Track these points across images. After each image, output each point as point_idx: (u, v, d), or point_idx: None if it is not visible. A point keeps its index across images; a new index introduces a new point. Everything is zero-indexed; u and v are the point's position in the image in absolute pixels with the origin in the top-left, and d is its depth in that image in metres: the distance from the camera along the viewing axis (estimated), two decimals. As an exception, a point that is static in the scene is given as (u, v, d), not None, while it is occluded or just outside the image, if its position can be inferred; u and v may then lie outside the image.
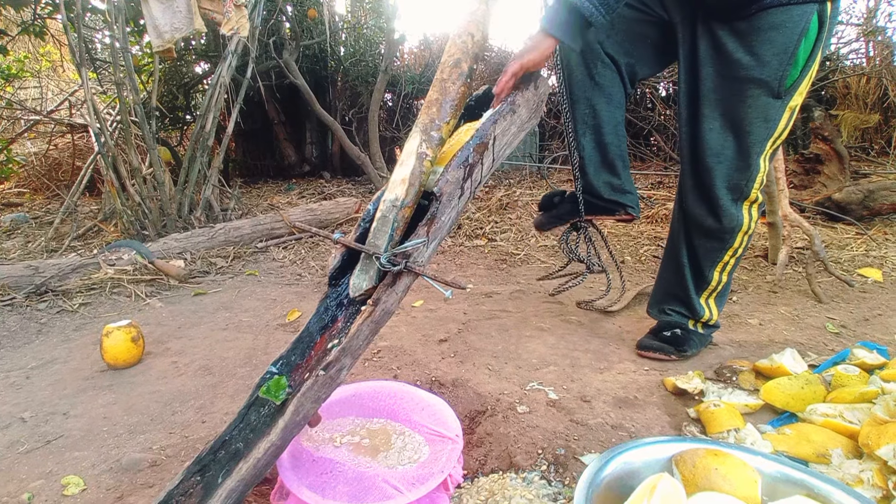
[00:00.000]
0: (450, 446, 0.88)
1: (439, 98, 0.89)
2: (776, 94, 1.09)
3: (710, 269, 1.32)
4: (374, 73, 4.64)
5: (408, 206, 0.84)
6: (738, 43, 1.08)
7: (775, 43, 1.05)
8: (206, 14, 2.28)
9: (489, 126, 0.91)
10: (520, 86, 0.99)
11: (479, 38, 0.94)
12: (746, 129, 1.13)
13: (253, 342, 1.61)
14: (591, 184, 1.38)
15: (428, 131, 0.86)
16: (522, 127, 1.01)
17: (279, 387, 0.79)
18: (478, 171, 0.90)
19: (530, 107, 1.01)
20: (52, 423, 1.19)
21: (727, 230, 1.25)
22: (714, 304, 1.38)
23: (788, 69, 1.07)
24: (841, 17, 4.88)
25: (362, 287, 0.81)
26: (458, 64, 0.91)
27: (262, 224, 2.87)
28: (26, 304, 1.97)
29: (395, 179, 0.85)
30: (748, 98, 1.10)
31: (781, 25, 1.04)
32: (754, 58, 1.07)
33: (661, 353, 1.35)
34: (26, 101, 5.02)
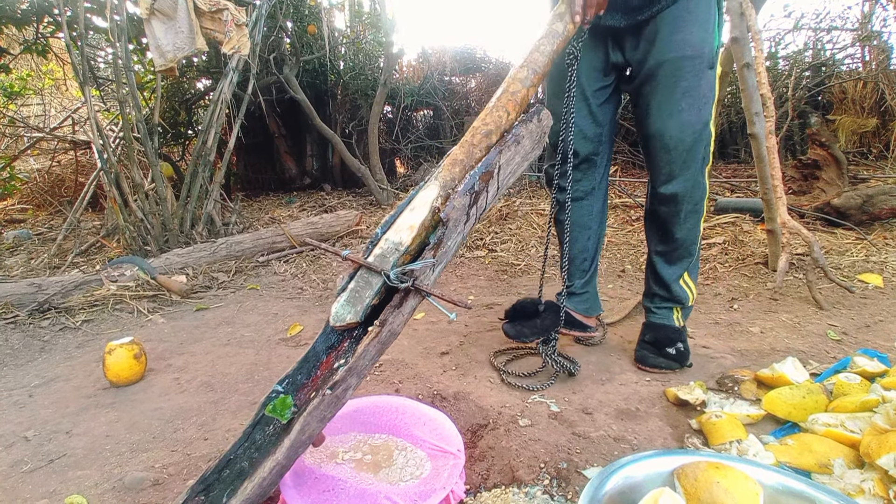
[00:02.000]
0: (452, 461, 0.89)
1: (464, 160, 0.95)
2: (711, 65, 1.26)
3: (695, 243, 1.41)
4: (374, 87, 4.69)
5: (409, 254, 0.86)
6: (675, 28, 1.24)
7: (702, 20, 1.24)
8: (207, 33, 2.32)
9: (495, 156, 0.96)
10: (524, 119, 1.05)
11: (512, 117, 1.02)
12: (702, 101, 1.28)
13: (255, 357, 1.62)
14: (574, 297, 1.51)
15: (446, 188, 0.91)
16: (526, 157, 1.05)
17: (285, 406, 0.79)
18: (483, 198, 0.94)
19: (533, 138, 1.06)
20: (55, 442, 1.19)
21: (698, 199, 1.36)
22: (690, 280, 1.44)
23: (713, 42, 1.26)
24: (835, 22, 4.94)
25: (345, 319, 0.81)
26: (489, 135, 0.98)
27: (264, 238, 2.89)
28: (29, 322, 1.98)
29: (402, 223, 0.87)
30: (700, 72, 1.25)
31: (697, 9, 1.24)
32: (692, 36, 1.24)
33: (668, 369, 1.38)
34: (29, 118, 5.08)
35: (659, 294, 1.45)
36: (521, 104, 1.04)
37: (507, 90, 1.03)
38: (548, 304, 1.43)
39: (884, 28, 4.68)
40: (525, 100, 1.04)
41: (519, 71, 1.05)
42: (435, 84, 5.24)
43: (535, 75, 1.05)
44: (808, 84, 4.79)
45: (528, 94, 1.04)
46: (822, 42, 5.02)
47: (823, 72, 4.90)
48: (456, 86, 5.59)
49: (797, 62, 4.95)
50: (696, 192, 1.35)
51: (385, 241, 0.85)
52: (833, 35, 4.96)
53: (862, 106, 4.71)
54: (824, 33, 4.98)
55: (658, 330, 1.42)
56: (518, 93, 1.03)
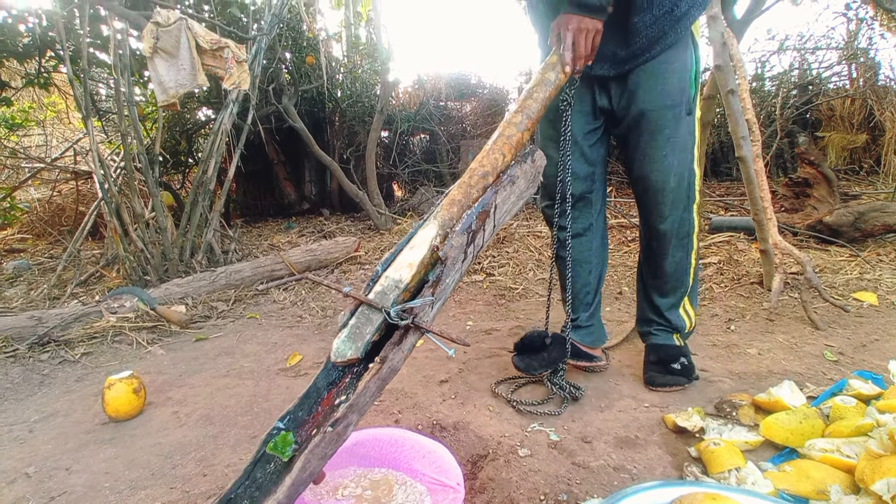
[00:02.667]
0: (451, 496, 0.89)
1: (461, 200, 0.98)
2: (689, 111, 1.35)
3: (685, 275, 1.46)
4: (371, 113, 4.78)
5: (408, 291, 0.88)
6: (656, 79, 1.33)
7: (681, 72, 1.33)
8: (209, 69, 2.39)
9: (491, 195, 1.00)
10: (518, 160, 1.10)
11: (508, 159, 1.07)
12: (683, 146, 1.35)
13: (254, 389, 1.62)
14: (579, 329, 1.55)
15: (444, 228, 0.94)
16: (521, 196, 1.10)
17: (286, 443, 0.80)
18: (480, 236, 0.97)
19: (528, 178, 1.11)
20: (55, 479, 1.19)
21: (685, 234, 1.42)
22: (690, 307, 1.51)
23: (690, 91, 1.34)
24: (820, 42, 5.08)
25: (346, 355, 0.82)
26: (486, 176, 1.03)
27: (263, 266, 2.91)
28: (29, 356, 1.98)
29: (402, 261, 0.90)
30: (679, 119, 1.33)
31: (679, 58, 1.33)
32: (671, 86, 1.32)
33: (677, 385, 1.41)
34: (30, 149, 5.15)
35: (656, 321, 1.50)
36: (516, 147, 1.09)
37: (503, 134, 1.08)
38: (554, 337, 1.46)
39: (870, 45, 4.80)
40: (520, 143, 1.09)
41: (514, 116, 1.11)
42: (431, 109, 5.34)
43: (529, 120, 1.11)
44: (795, 103, 4.89)
45: (522, 137, 1.10)
46: (808, 62, 5.15)
47: (811, 90, 5.00)
48: (451, 111, 5.69)
49: (784, 82, 5.05)
50: (683, 229, 1.41)
51: (385, 278, 0.88)
52: (819, 55, 5.09)
53: (851, 122, 4.79)
54: (810, 53, 5.10)
55: (660, 350, 1.47)
56: (513, 136, 1.08)
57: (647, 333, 1.53)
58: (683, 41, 1.31)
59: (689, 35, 1.32)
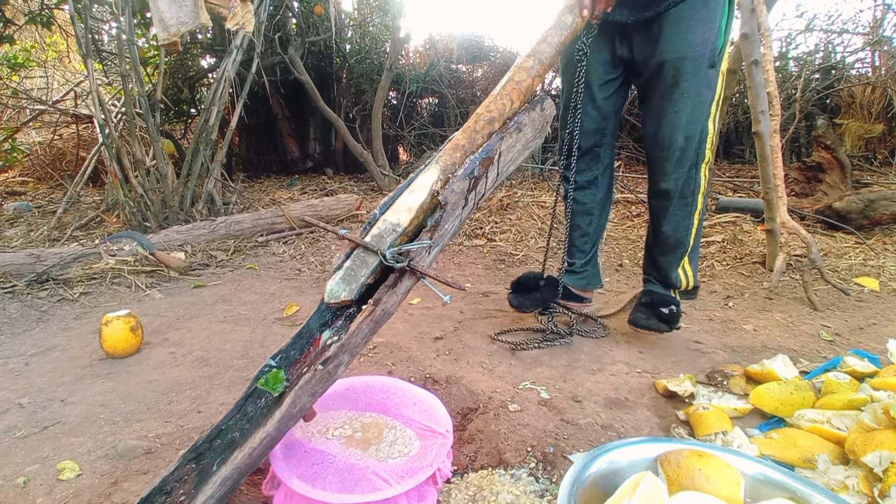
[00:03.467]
0: (440, 441, 0.90)
1: (465, 145, 0.95)
2: (712, 64, 1.29)
3: (687, 235, 1.46)
4: (379, 71, 4.65)
5: (406, 235, 0.86)
6: (678, 27, 1.27)
7: (706, 20, 1.27)
8: (212, 8, 2.30)
9: (496, 142, 0.96)
10: (527, 108, 1.06)
11: (516, 106, 1.03)
12: (700, 99, 1.31)
13: (250, 335, 1.63)
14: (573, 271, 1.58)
15: (446, 172, 0.91)
16: (527, 145, 1.06)
17: (277, 380, 0.80)
18: (482, 183, 0.94)
19: (535, 127, 1.07)
20: (49, 410, 1.21)
21: (689, 193, 1.41)
22: (689, 267, 1.51)
23: (717, 41, 1.28)
24: (847, 25, 4.89)
25: (339, 296, 0.81)
26: (492, 122, 0.99)
27: (263, 219, 2.89)
28: (27, 292, 1.99)
29: (401, 204, 0.87)
30: (699, 71, 1.29)
31: (703, 7, 1.26)
32: (694, 35, 1.27)
33: (658, 331, 1.43)
34: (32, 91, 5.05)
35: (654, 275, 1.54)
36: (526, 93, 1.04)
37: (513, 79, 1.04)
38: (548, 280, 1.54)
39: (895, 33, 4.63)
40: (530, 89, 1.05)
41: (525, 60, 1.06)
42: (441, 71, 5.19)
43: (541, 65, 1.06)
44: (816, 87, 4.75)
45: (532, 83, 1.05)
46: (833, 45, 4.97)
47: (833, 75, 4.86)
48: (462, 74, 5.53)
49: (807, 64, 4.90)
50: (688, 187, 1.39)
51: (383, 221, 0.85)
52: (844, 38, 4.91)
53: (869, 111, 4.67)
54: (836, 36, 4.92)
55: (653, 293, 1.49)
56: (523, 82, 1.03)
57: (647, 280, 1.57)
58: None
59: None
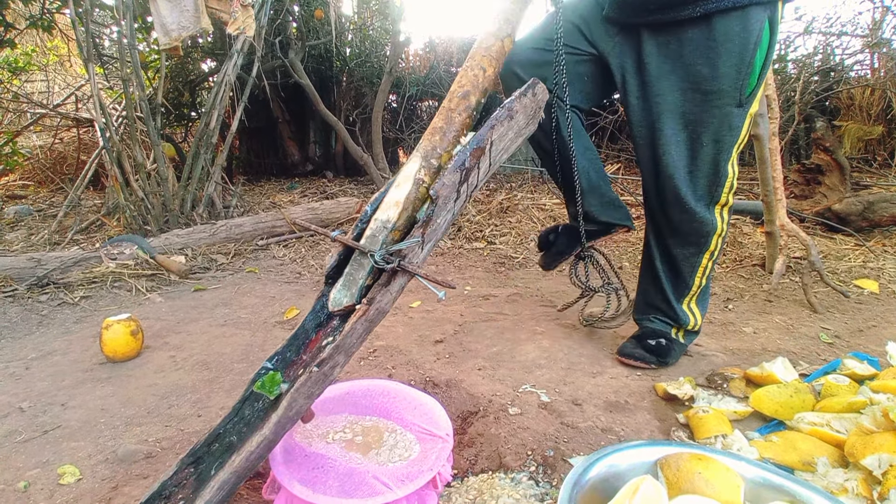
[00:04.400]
0: (440, 445, 0.90)
1: (444, 127, 0.91)
2: (739, 104, 1.13)
3: (691, 275, 1.34)
4: (379, 75, 4.66)
5: (397, 230, 0.85)
6: (697, 56, 1.10)
7: (733, 54, 1.08)
8: (213, 13, 2.31)
9: (486, 131, 0.92)
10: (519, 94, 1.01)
11: (490, 74, 0.96)
12: (714, 139, 1.16)
13: (251, 339, 1.63)
14: (585, 210, 1.39)
15: (428, 158, 0.88)
16: (520, 133, 1.01)
17: (274, 382, 0.80)
18: (474, 175, 0.91)
19: (528, 113, 1.01)
20: (49, 414, 1.21)
21: (703, 234, 1.28)
22: (697, 309, 1.39)
23: (747, 79, 1.11)
24: (846, 28, 4.90)
25: (342, 302, 0.81)
26: (467, 96, 0.93)
27: (264, 222, 2.89)
28: (28, 296, 1.99)
29: (389, 201, 0.86)
30: (714, 108, 1.13)
31: (736, 37, 1.07)
32: (714, 70, 1.09)
33: (643, 361, 1.35)
34: (33, 95, 5.06)
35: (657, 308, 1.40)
36: (498, 58, 0.97)
37: (481, 45, 0.97)
38: (562, 229, 1.45)
39: (894, 36, 4.65)
40: (501, 52, 0.97)
41: (491, 24, 0.99)
42: (441, 74, 5.21)
43: (508, 24, 0.99)
44: (815, 89, 4.76)
45: (503, 45, 0.98)
46: (832, 47, 4.98)
47: (832, 77, 4.87)
48: (462, 77, 5.55)
49: (806, 66, 4.91)
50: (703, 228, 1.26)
51: (374, 220, 0.85)
52: (843, 40, 4.92)
53: (869, 113, 4.68)
54: (834, 38, 4.94)
55: (646, 327, 1.41)
56: (492, 46, 0.96)
57: (644, 320, 1.42)
58: (752, 20, 1.06)
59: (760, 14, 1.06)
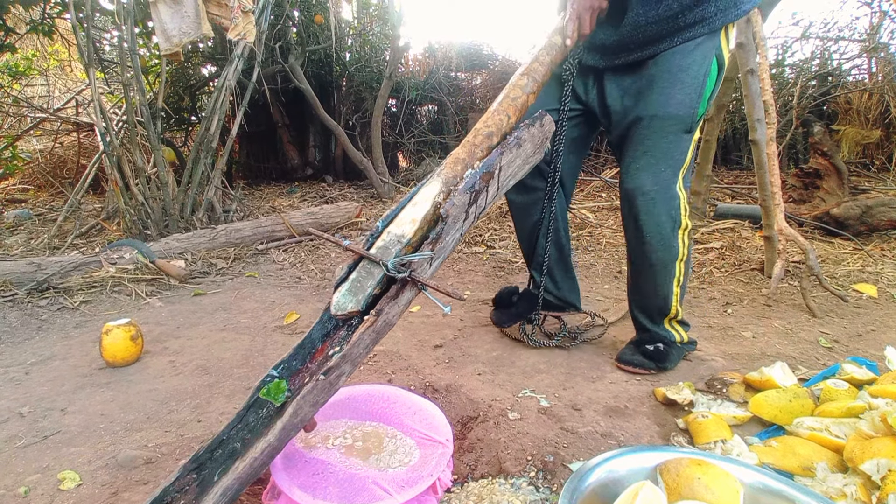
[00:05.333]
0: (440, 450, 0.90)
1: (465, 159, 0.98)
2: (688, 129, 1.22)
3: (667, 303, 1.38)
4: (379, 79, 4.68)
5: (411, 246, 0.88)
6: (654, 86, 1.20)
7: (685, 84, 1.18)
8: (213, 19, 2.32)
9: (496, 157, 0.99)
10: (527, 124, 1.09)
11: (512, 121, 1.07)
12: (671, 164, 1.24)
13: (250, 343, 1.63)
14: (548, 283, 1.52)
15: (448, 185, 0.94)
16: (527, 160, 1.09)
17: (279, 390, 0.80)
18: (483, 197, 0.97)
19: (535, 143, 1.09)
20: (49, 419, 1.21)
21: (667, 261, 1.33)
22: (678, 326, 1.44)
23: (698, 106, 1.20)
24: (843, 32, 4.93)
25: (346, 308, 0.82)
26: (490, 136, 1.02)
27: (264, 226, 2.89)
28: (28, 301, 1.99)
29: (405, 217, 0.90)
30: (670, 135, 1.22)
31: (689, 67, 1.18)
32: (671, 98, 1.19)
33: (642, 367, 1.37)
34: (33, 99, 5.07)
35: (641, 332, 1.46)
36: (521, 109, 1.09)
37: (509, 96, 1.08)
38: (522, 294, 1.56)
39: (891, 40, 4.68)
40: (525, 106, 1.09)
41: (520, 78, 1.10)
42: (440, 79, 5.23)
43: (535, 83, 1.10)
44: (813, 93, 4.79)
45: (527, 100, 1.09)
46: (830, 51, 5.01)
47: (829, 81, 4.90)
48: (461, 82, 5.57)
49: (803, 71, 4.94)
50: (667, 255, 1.32)
51: (387, 233, 0.88)
52: (840, 45, 4.95)
53: (866, 117, 4.70)
54: (832, 43, 4.97)
55: (643, 332, 1.44)
56: (518, 98, 1.08)
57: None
58: (700, 53, 1.18)
59: (708, 48, 1.19)
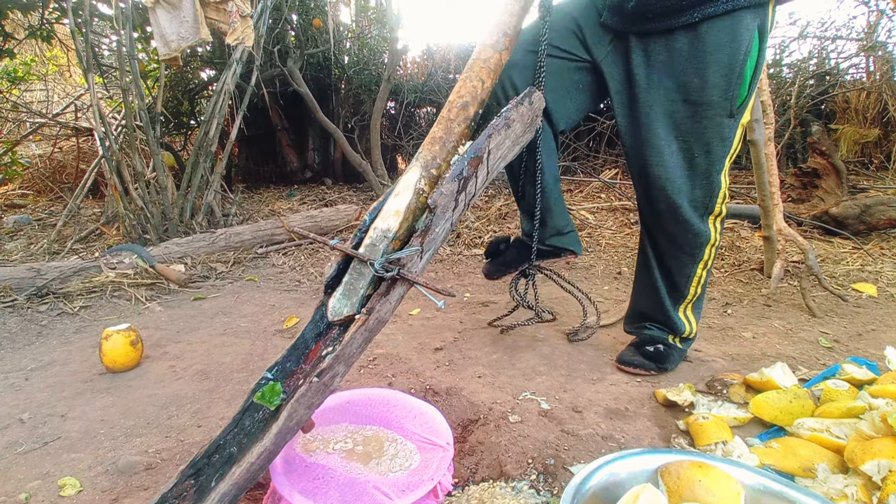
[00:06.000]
0: (441, 454, 0.90)
1: (443, 137, 0.92)
2: (730, 114, 1.13)
3: (686, 284, 1.34)
4: (378, 82, 4.69)
5: (398, 240, 0.86)
6: (686, 66, 1.09)
7: (722, 64, 1.07)
8: (212, 24, 2.32)
9: (484, 140, 0.93)
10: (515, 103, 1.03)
11: (488, 85, 0.99)
12: (706, 150, 1.16)
13: (250, 347, 1.63)
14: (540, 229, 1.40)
15: (428, 168, 0.89)
16: (517, 141, 1.03)
17: (274, 393, 0.80)
18: (472, 184, 0.92)
19: (525, 122, 1.03)
20: (50, 425, 1.21)
21: (696, 245, 1.28)
22: (692, 316, 1.40)
23: (738, 89, 1.10)
24: (841, 32, 4.94)
25: (342, 312, 0.82)
26: (466, 107, 0.95)
27: (263, 230, 2.89)
28: (27, 306, 1.99)
29: (388, 210, 0.87)
30: (704, 119, 1.13)
31: (726, 46, 1.06)
32: (703, 80, 1.09)
33: (643, 368, 1.36)
34: (32, 104, 5.08)
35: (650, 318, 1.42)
36: (495, 70, 0.99)
37: (479, 57, 0.99)
38: (513, 242, 1.48)
39: (889, 39, 4.68)
40: (498, 64, 1.00)
41: (489, 36, 1.01)
42: (439, 81, 5.23)
43: (506, 37, 1.01)
44: (811, 93, 4.79)
45: (500, 58, 1.00)
46: (827, 51, 5.02)
47: (827, 81, 4.90)
48: (460, 84, 5.58)
49: (801, 70, 4.94)
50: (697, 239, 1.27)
51: (374, 229, 0.86)
52: (838, 44, 4.96)
53: (865, 116, 4.71)
54: (829, 42, 4.97)
55: (643, 334, 1.42)
56: (490, 59, 0.99)
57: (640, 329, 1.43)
58: (742, 28, 1.05)
59: (750, 23, 1.05)
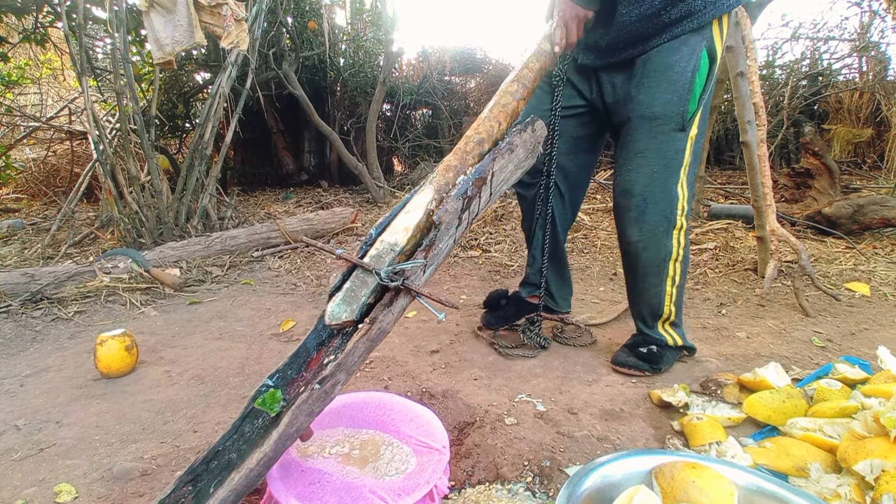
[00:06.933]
0: (437, 457, 0.90)
1: (457, 165, 0.99)
2: (681, 128, 1.22)
3: (660, 305, 1.39)
4: (373, 84, 4.70)
5: (404, 254, 0.88)
6: (640, 87, 1.22)
7: (671, 81, 1.19)
8: (206, 27, 2.32)
9: (488, 162, 0.99)
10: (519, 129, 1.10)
11: (503, 128, 1.07)
12: (663, 163, 1.25)
13: (246, 352, 1.63)
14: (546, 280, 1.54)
15: (440, 192, 0.94)
16: (519, 165, 1.09)
17: (274, 399, 0.80)
18: (475, 203, 0.97)
19: (527, 147, 1.10)
20: (45, 431, 1.20)
21: (659, 261, 1.33)
22: (672, 330, 1.43)
23: (688, 104, 1.20)
24: (833, 32, 4.98)
25: (341, 317, 0.82)
26: (482, 143, 1.03)
27: (259, 233, 2.89)
28: (22, 312, 1.98)
29: (398, 226, 0.90)
30: (660, 135, 1.23)
31: (675, 65, 1.19)
32: (657, 97, 1.20)
33: (637, 369, 1.38)
34: (26, 108, 5.05)
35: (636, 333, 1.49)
36: (512, 116, 1.09)
37: (499, 102, 1.09)
38: (511, 297, 1.61)
39: (882, 39, 4.72)
40: (515, 112, 1.10)
41: (511, 85, 1.11)
42: (434, 83, 5.25)
43: (525, 89, 1.11)
44: (804, 93, 4.83)
45: (518, 106, 1.10)
46: (820, 52, 5.06)
47: (820, 81, 4.94)
48: (455, 86, 5.60)
49: (794, 71, 4.98)
50: (658, 254, 1.32)
51: (381, 242, 0.88)
52: (830, 45, 5.00)
53: (857, 116, 4.75)
54: (822, 43, 5.01)
55: (637, 335, 1.46)
56: (509, 105, 1.08)
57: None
58: (688, 49, 1.18)
59: (696, 43, 1.19)
